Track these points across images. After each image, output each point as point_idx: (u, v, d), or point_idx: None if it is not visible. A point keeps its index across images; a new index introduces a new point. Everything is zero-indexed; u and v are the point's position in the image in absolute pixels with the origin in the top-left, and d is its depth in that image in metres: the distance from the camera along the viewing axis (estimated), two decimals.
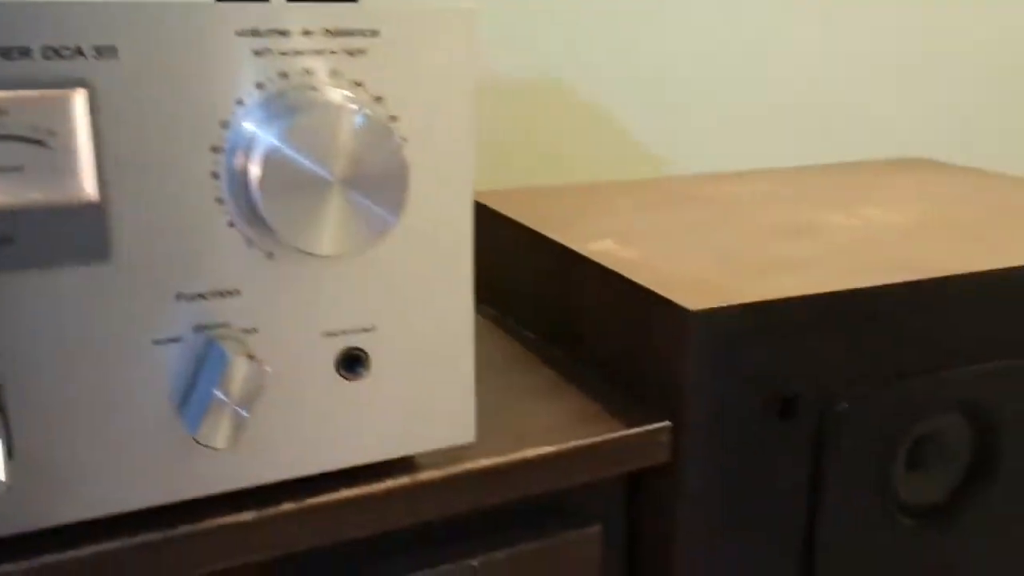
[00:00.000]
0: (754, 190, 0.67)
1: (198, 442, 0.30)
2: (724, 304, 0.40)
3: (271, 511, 0.33)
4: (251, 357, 0.30)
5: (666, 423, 0.39)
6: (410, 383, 0.35)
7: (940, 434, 0.47)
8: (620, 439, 0.39)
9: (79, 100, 0.26)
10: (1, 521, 0.29)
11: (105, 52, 0.26)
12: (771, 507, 0.43)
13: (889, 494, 0.46)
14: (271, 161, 0.28)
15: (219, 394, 0.29)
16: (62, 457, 0.29)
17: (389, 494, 0.35)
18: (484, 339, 0.52)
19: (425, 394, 0.35)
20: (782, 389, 0.42)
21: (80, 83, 0.26)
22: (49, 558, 0.30)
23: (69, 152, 0.26)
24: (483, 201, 0.62)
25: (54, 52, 0.25)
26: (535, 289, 0.55)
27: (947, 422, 0.47)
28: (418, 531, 0.36)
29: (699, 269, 0.45)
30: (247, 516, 0.33)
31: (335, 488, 0.34)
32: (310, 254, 0.29)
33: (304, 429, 0.33)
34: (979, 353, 0.46)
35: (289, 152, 0.28)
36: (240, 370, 0.29)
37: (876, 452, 0.44)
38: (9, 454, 0.28)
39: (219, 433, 0.30)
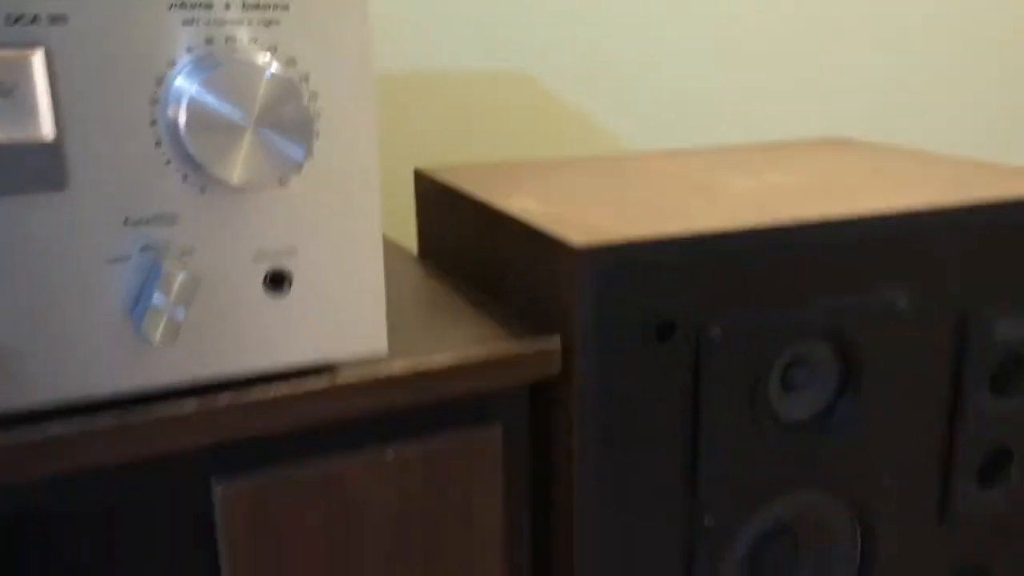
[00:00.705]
0: (685, 162, 0.73)
1: (144, 338, 0.36)
2: (606, 242, 0.46)
3: (209, 405, 0.40)
4: (186, 269, 0.36)
5: (556, 337, 0.46)
6: (328, 299, 0.41)
7: (809, 359, 0.53)
8: (515, 351, 0.45)
9: (37, 58, 0.33)
10: None
11: (58, 20, 0.33)
12: (657, 418, 0.50)
13: (763, 410, 0.52)
14: (193, 107, 0.34)
15: (159, 297, 0.36)
16: (26, 351, 0.36)
17: (310, 394, 0.41)
18: (420, 286, 0.58)
19: (342, 309, 0.42)
20: (659, 316, 0.48)
21: (38, 44, 0.33)
22: (9, 438, 0.37)
23: (30, 101, 0.33)
24: (433, 175, 0.69)
25: (16, 20, 0.32)
26: (469, 243, 0.62)
27: (815, 349, 0.53)
28: (340, 426, 0.43)
29: (597, 218, 0.52)
30: (189, 407, 0.39)
31: (264, 388, 0.41)
32: (228, 185, 0.36)
33: (237, 338, 0.40)
34: (838, 287, 0.52)
35: (208, 99, 0.35)
36: (176, 278, 0.36)
37: (748, 374, 0.51)
38: None
39: (159, 331, 0.36)
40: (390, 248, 0.69)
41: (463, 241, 0.63)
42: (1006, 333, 0.57)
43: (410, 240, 0.85)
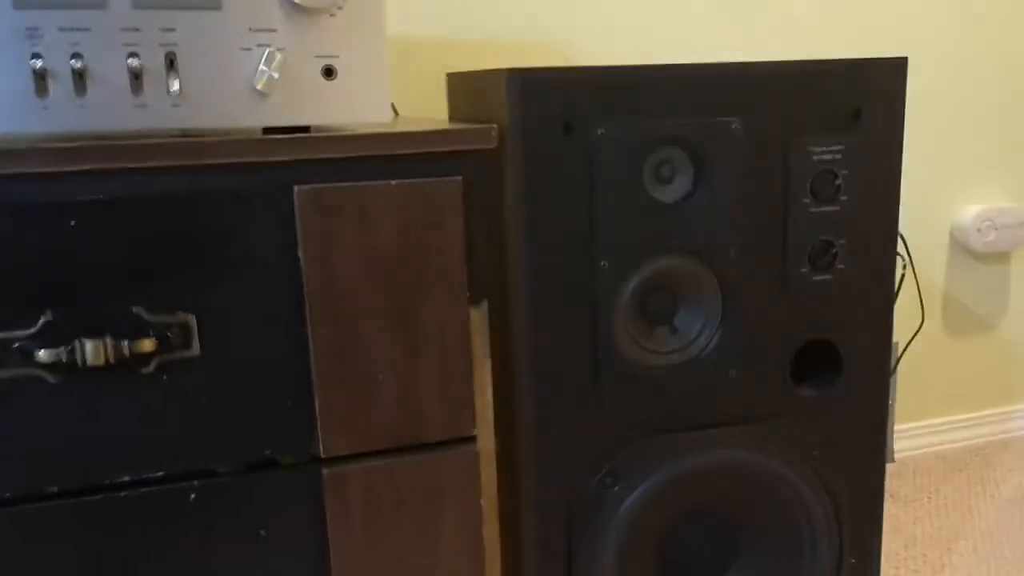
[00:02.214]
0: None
1: (258, 91, 0.68)
2: (530, 71, 0.76)
3: (294, 136, 0.71)
4: (280, 54, 0.68)
5: (494, 125, 0.76)
6: (357, 86, 0.72)
7: (672, 160, 0.81)
8: (465, 128, 0.75)
9: None
10: None
11: None
12: (565, 191, 0.79)
13: (642, 191, 0.81)
14: None
15: (265, 66, 0.67)
16: (207, 97, 0.68)
17: (346, 137, 0.72)
18: (436, 120, 0.89)
19: (365, 93, 0.72)
20: (564, 117, 0.77)
21: None
22: None
23: None
24: (457, 73, 1.00)
25: None
26: (472, 101, 0.93)
27: (674, 152, 0.81)
28: (365, 161, 0.74)
29: (536, 63, 0.82)
30: (284, 136, 0.71)
31: (321, 132, 0.72)
32: (304, 9, 0.67)
33: (306, 102, 0.71)
34: (693, 112, 0.80)
35: None
36: (275, 57, 0.68)
37: (627, 164, 0.79)
38: None
39: (263, 84, 0.68)
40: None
41: (469, 102, 0.94)
42: (820, 154, 0.84)
43: None
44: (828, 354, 0.90)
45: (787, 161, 0.83)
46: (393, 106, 1.06)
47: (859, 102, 0.84)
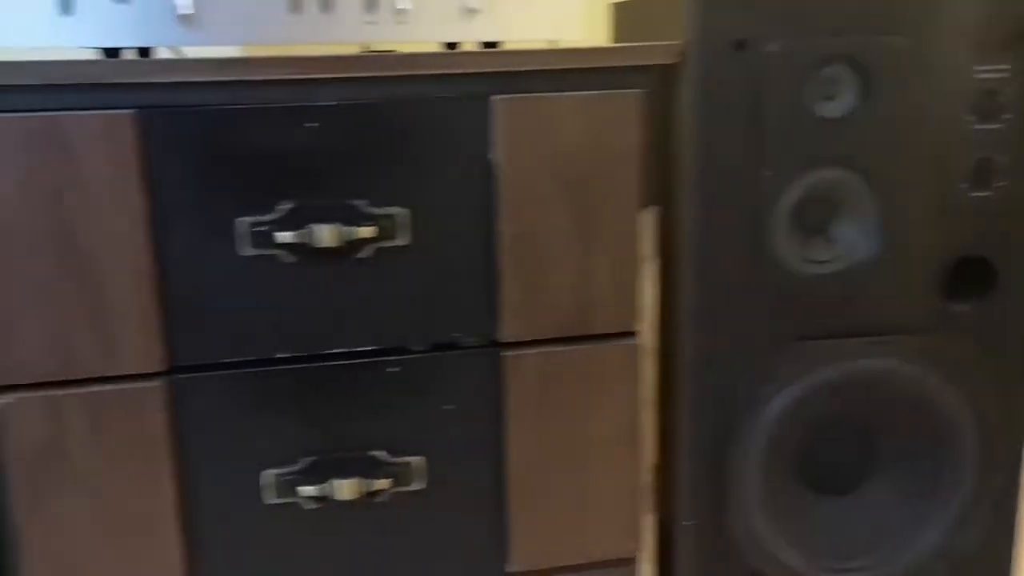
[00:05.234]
0: None
1: (467, 8, 0.83)
2: None
3: (493, 50, 0.86)
4: None
5: (676, 41, 0.89)
6: (553, 2, 0.86)
7: (837, 77, 0.92)
8: (649, 45, 0.89)
9: None
10: None
11: None
12: (736, 99, 0.91)
13: (807, 106, 0.92)
14: None
15: None
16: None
17: (540, 51, 0.87)
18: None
19: (559, 4, 0.87)
20: (737, 36, 0.90)
21: None
22: None
23: None
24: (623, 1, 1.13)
25: None
26: (645, 23, 1.05)
27: (842, 69, 0.92)
28: (557, 73, 0.88)
29: None
30: (480, 50, 0.86)
31: (518, 46, 0.86)
32: None
33: (511, 18, 0.86)
34: (862, 29, 0.91)
35: None
36: None
37: (793, 80, 0.91)
38: None
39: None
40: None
41: (635, 29, 1.07)
42: (984, 73, 0.93)
43: None
44: (984, 271, 1.00)
45: (951, 79, 0.93)
46: None
47: None
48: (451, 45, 0.97)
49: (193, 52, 1.03)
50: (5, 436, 0.85)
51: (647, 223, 0.94)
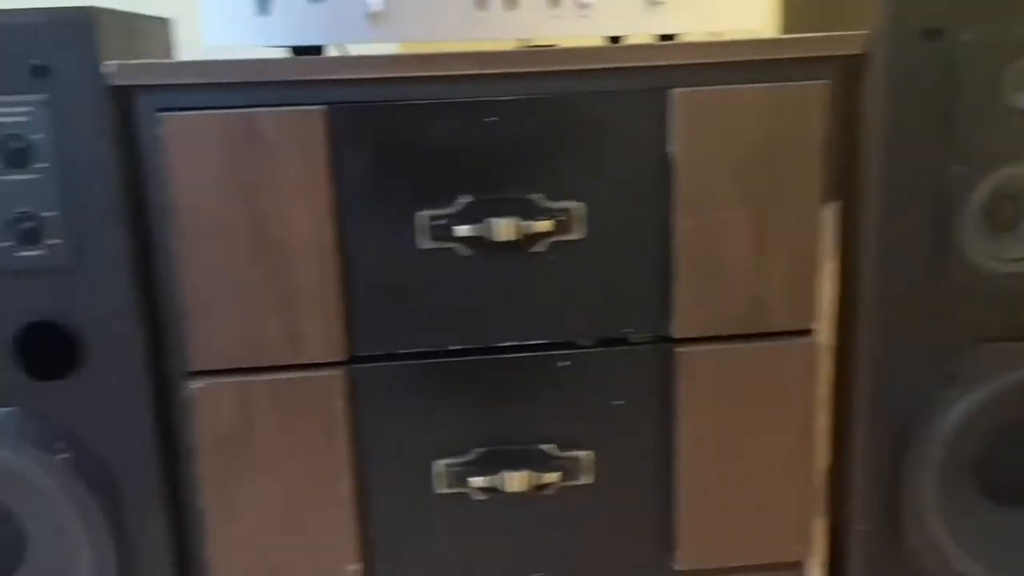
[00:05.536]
0: None
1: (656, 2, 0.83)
2: None
3: (673, 42, 0.85)
4: None
5: (864, 31, 0.87)
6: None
7: None
8: (835, 35, 0.86)
9: None
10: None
11: None
12: (925, 90, 0.88)
13: (1001, 98, 0.88)
14: None
15: None
16: None
17: (723, 43, 0.86)
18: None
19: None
20: (927, 24, 0.86)
21: None
22: None
23: None
24: None
25: None
26: (823, 11, 1.03)
27: None
28: (735, 65, 0.87)
29: None
30: (660, 42, 0.85)
31: (696, 38, 0.86)
32: None
33: (688, 9, 0.85)
34: None
35: None
36: None
37: (986, 70, 0.87)
38: None
39: None
40: None
41: (810, 17, 1.05)
42: None
43: None
44: None
45: None
46: None
47: None
48: (615, 39, 0.96)
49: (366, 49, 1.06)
50: (195, 420, 0.90)
51: (827, 219, 0.92)
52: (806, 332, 0.94)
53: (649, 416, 0.95)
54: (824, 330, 0.95)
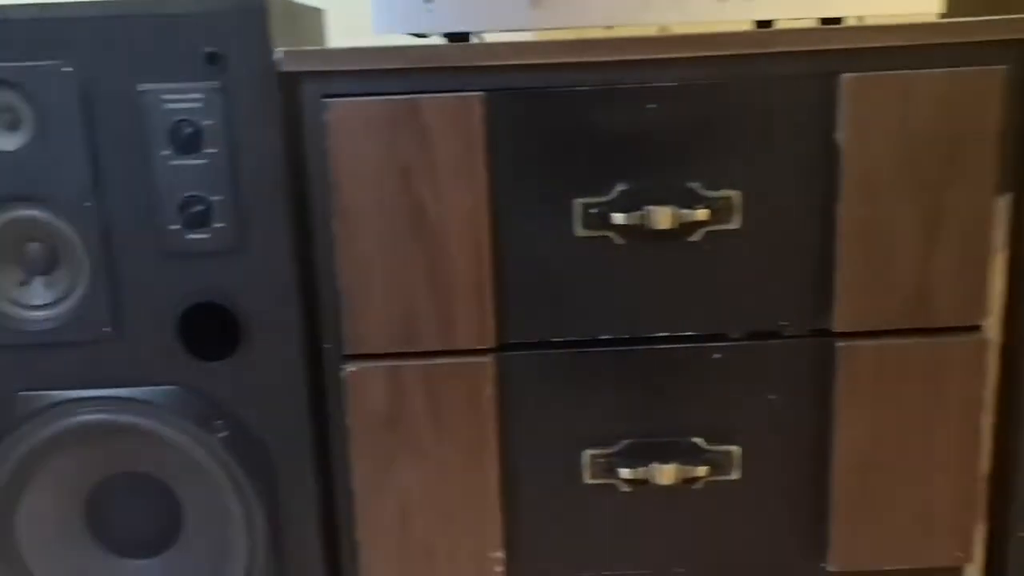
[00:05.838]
0: None
1: None
2: None
3: (836, 26, 0.83)
4: None
5: None
6: None
7: None
8: (1015, 18, 0.82)
9: None
10: None
11: None
12: None
13: None
14: None
15: None
16: None
17: (894, 26, 0.83)
18: None
19: None
20: None
21: None
22: None
23: None
24: None
25: None
26: None
27: None
28: (886, 52, 0.84)
29: None
30: (820, 28, 0.83)
31: (870, 23, 0.83)
32: None
33: None
34: None
35: None
36: None
37: None
38: None
39: None
40: None
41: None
42: None
43: None
44: None
45: None
46: None
47: None
48: (763, 24, 0.94)
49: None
50: (349, 403, 0.91)
51: (1001, 210, 0.88)
52: (975, 328, 0.91)
53: (803, 411, 0.92)
54: (993, 326, 0.91)
